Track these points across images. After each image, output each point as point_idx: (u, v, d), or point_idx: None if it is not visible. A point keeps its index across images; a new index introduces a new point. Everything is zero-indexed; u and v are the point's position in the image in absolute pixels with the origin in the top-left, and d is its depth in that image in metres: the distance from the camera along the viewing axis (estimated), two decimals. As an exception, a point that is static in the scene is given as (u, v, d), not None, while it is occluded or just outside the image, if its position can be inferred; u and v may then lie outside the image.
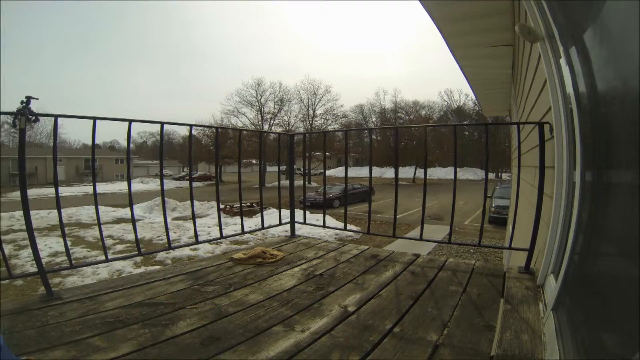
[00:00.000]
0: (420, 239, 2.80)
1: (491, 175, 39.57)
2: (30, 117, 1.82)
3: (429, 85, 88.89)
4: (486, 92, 6.89)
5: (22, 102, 1.78)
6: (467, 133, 52.93)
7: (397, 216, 2.98)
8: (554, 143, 1.70)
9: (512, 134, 7.11)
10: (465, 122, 50.30)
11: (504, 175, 44.32)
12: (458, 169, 3.06)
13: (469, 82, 6.03)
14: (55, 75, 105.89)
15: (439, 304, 1.79)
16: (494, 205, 13.63)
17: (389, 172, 43.82)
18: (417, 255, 2.66)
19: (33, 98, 1.82)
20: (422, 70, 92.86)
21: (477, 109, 48.52)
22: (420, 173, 40.80)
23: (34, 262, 1.92)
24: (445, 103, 58.50)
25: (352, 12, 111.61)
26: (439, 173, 44.18)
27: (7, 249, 8.37)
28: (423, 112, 54.43)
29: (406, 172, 42.64)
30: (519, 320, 1.52)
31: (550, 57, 1.64)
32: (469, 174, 46.09)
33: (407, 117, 53.39)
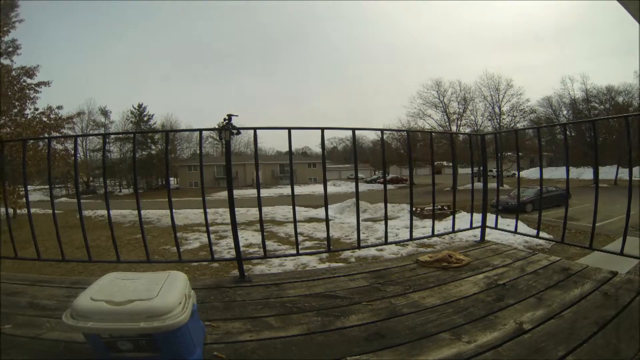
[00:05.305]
0: (621, 253, 2.46)
1: None
2: (233, 130, 2.25)
3: (620, 65, 67.06)
4: None
5: (224, 119, 2.21)
6: (680, 120, 38.16)
7: (596, 224, 2.57)
8: None
9: None
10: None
11: None
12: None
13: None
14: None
15: (626, 336, 1.50)
16: None
17: (586, 173, 35.79)
18: (614, 274, 2.24)
19: (234, 115, 2.24)
20: (607, 49, 70.88)
21: (688, 86, 34.75)
22: (623, 173, 31.79)
23: (229, 250, 2.37)
24: (645, 84, 43.77)
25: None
26: (647, 173, 33.56)
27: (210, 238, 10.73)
28: (620, 99, 42.15)
29: (606, 172, 33.78)
30: None
31: None
32: (689, 173, 33.66)
33: (601, 106, 42.32)
